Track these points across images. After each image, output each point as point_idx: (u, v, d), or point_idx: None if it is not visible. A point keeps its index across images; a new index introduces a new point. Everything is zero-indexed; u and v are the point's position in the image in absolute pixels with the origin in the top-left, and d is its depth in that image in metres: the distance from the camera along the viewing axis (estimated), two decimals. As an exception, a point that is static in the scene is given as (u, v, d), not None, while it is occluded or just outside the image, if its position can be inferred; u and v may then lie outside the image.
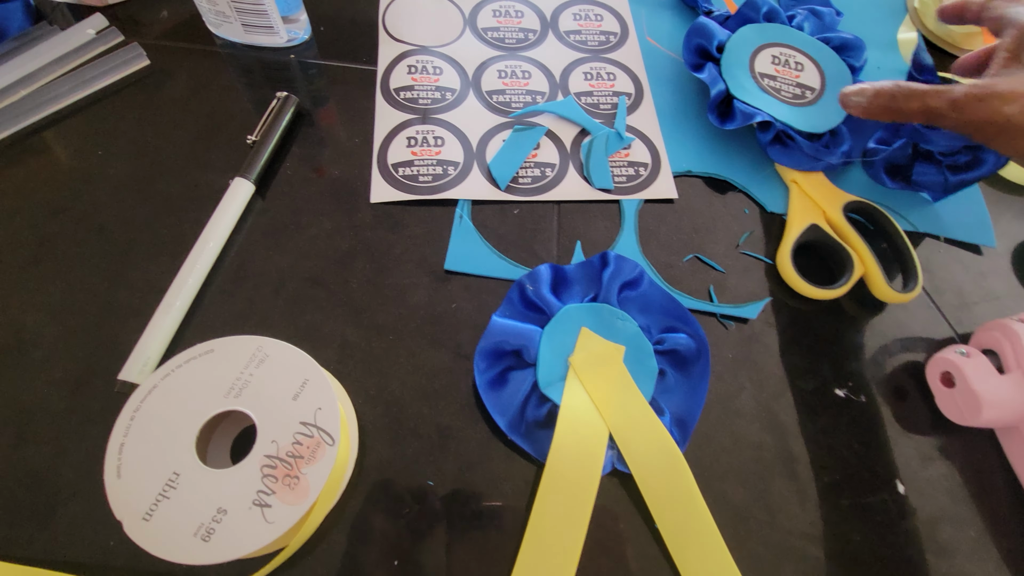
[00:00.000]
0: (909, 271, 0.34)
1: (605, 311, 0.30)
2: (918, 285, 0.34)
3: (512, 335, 0.28)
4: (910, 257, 0.34)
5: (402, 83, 0.38)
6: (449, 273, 0.32)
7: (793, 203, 0.36)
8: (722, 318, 0.33)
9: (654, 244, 0.35)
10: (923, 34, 0.47)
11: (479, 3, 0.43)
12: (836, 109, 0.38)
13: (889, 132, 0.38)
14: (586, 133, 0.38)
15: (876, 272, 0.34)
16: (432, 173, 0.35)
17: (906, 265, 0.34)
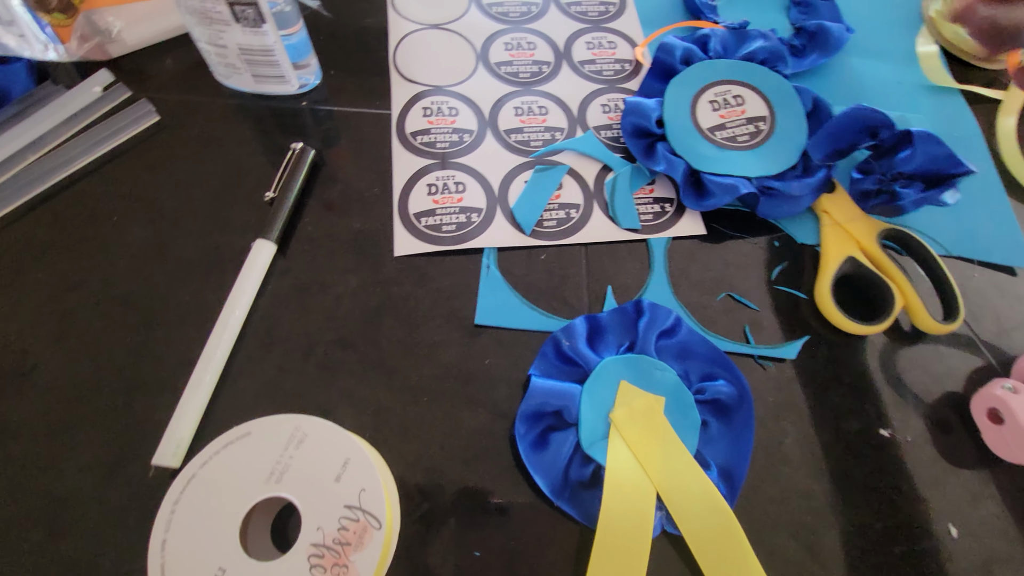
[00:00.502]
0: (950, 300, 0.34)
1: (644, 362, 0.30)
2: (960, 314, 0.33)
3: (554, 396, 0.28)
4: (950, 286, 0.34)
5: (418, 127, 0.37)
6: (479, 327, 0.31)
7: (826, 234, 0.36)
8: (760, 359, 0.32)
9: (685, 284, 0.34)
10: (941, 44, 0.46)
11: (490, 36, 0.42)
12: (796, 127, 0.37)
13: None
14: (609, 169, 0.37)
15: (918, 304, 0.33)
16: (456, 221, 0.34)
17: (947, 294, 0.34)
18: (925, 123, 0.41)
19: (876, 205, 0.35)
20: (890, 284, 0.33)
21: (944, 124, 0.42)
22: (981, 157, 0.40)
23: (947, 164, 0.33)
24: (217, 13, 0.32)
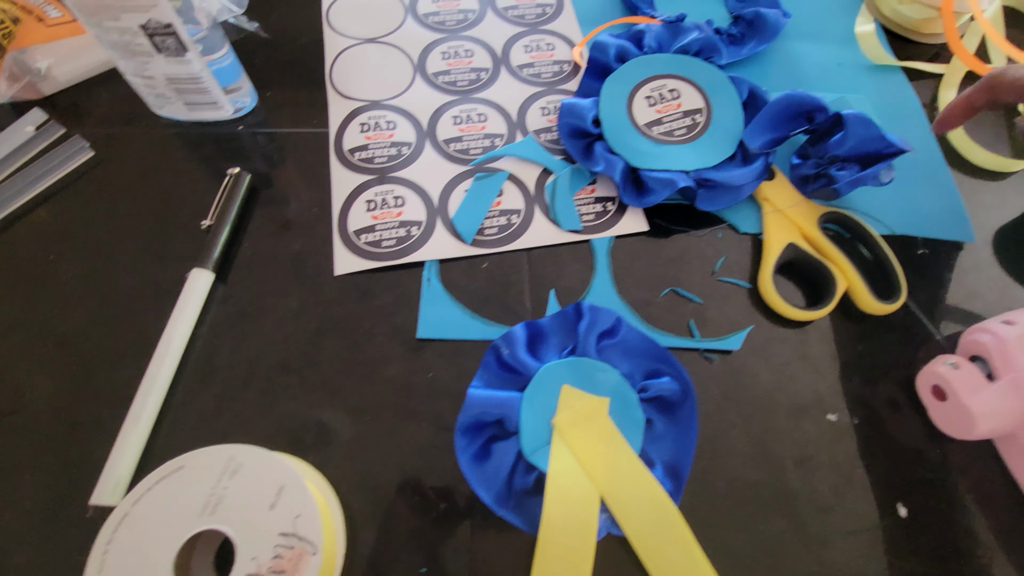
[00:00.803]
0: (892, 280, 0.34)
1: (585, 364, 0.30)
2: (902, 294, 0.33)
3: (491, 405, 0.28)
4: (891, 265, 0.34)
5: (356, 143, 0.37)
6: (423, 341, 0.31)
7: (767, 222, 0.36)
8: (705, 353, 0.32)
9: (629, 282, 0.34)
10: (880, 21, 0.46)
11: (427, 47, 0.42)
12: (731, 118, 0.37)
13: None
14: (550, 172, 0.37)
15: (860, 286, 0.33)
16: (396, 236, 0.34)
17: (888, 274, 0.34)
18: (866, 103, 0.41)
19: (815, 189, 0.35)
20: (831, 268, 0.34)
21: (886, 102, 0.42)
22: (923, 133, 0.40)
23: (879, 144, 0.33)
24: (138, 45, 0.31)
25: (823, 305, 0.33)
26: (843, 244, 0.36)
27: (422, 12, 0.44)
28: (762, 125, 0.35)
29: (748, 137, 0.36)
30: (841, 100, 0.41)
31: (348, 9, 0.43)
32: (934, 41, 0.46)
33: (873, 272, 0.35)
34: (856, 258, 0.35)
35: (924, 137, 0.40)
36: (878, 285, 0.34)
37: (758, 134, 0.36)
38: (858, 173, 0.33)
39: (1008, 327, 0.30)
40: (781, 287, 0.34)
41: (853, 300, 0.33)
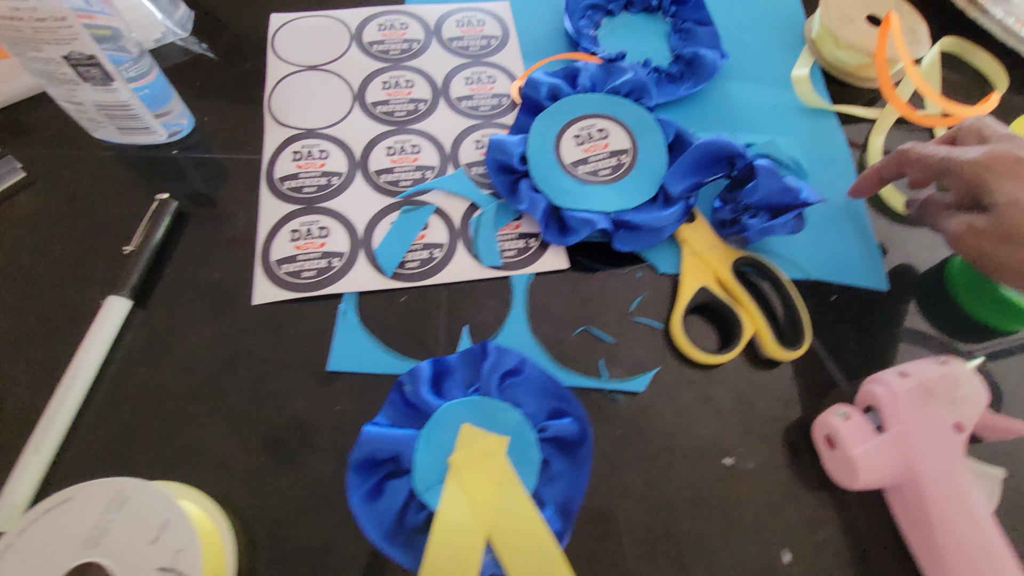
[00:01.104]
0: (798, 327, 0.34)
1: (486, 404, 0.30)
2: (806, 341, 0.34)
3: (384, 442, 0.28)
4: (799, 313, 0.35)
5: (287, 171, 0.38)
6: (333, 374, 0.32)
7: (684, 264, 0.36)
8: (610, 393, 0.33)
9: (545, 320, 0.35)
10: (819, 64, 0.47)
11: (369, 76, 0.43)
12: (655, 161, 0.37)
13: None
14: (477, 207, 0.38)
15: (765, 332, 0.34)
16: (316, 267, 0.35)
17: (795, 321, 0.35)
18: (795, 146, 0.42)
19: (730, 234, 0.36)
20: (739, 312, 0.34)
21: (816, 145, 0.43)
22: (847, 178, 0.41)
23: (786, 197, 0.34)
24: (63, 74, 0.32)
25: (730, 349, 0.34)
26: (756, 288, 0.36)
27: (368, 40, 0.44)
28: (683, 170, 0.36)
29: (669, 181, 0.36)
30: (771, 143, 0.42)
31: (294, 35, 0.44)
32: (872, 86, 0.47)
33: (782, 318, 0.35)
34: (767, 303, 0.36)
35: (847, 183, 0.41)
36: (785, 331, 0.35)
37: (679, 178, 0.36)
38: (767, 222, 0.34)
39: (901, 379, 0.31)
40: (692, 329, 0.35)
41: (760, 345, 0.34)
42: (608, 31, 0.47)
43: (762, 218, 0.34)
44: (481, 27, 0.46)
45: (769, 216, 0.34)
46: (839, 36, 0.44)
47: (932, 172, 0.32)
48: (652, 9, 0.48)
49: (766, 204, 0.34)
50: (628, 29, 0.48)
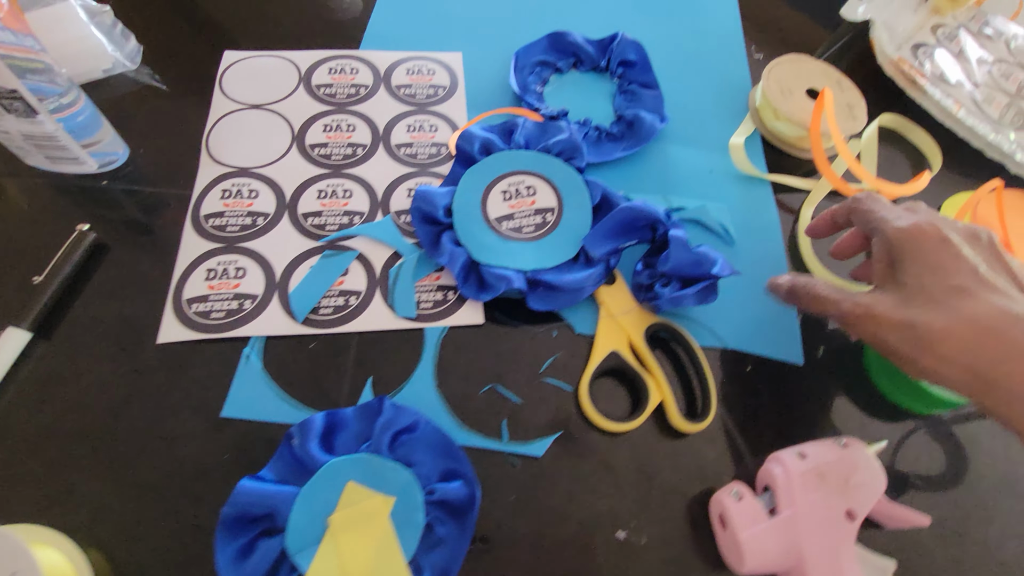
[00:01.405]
0: (705, 399, 0.34)
1: (375, 462, 0.30)
2: (711, 414, 0.34)
3: (259, 498, 0.28)
4: (707, 384, 0.35)
5: (213, 209, 0.38)
6: (227, 420, 0.32)
7: (600, 326, 0.36)
8: (509, 457, 0.32)
9: (453, 376, 0.35)
10: (761, 133, 0.48)
11: (311, 118, 0.43)
12: (580, 221, 0.38)
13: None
14: (400, 256, 0.38)
15: (671, 402, 0.34)
16: (226, 308, 0.34)
17: (704, 392, 0.35)
18: (725, 212, 0.42)
19: (644, 300, 0.36)
20: (647, 380, 0.34)
21: (748, 212, 0.43)
22: (775, 248, 0.42)
23: (695, 269, 0.34)
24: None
25: (633, 418, 0.33)
26: (674, 354, 0.36)
27: (316, 83, 0.45)
28: (604, 232, 0.37)
29: (589, 242, 0.37)
30: (701, 209, 0.42)
31: (244, 73, 0.45)
32: (810, 156, 0.48)
33: (691, 388, 0.35)
34: (679, 371, 0.36)
35: (775, 252, 0.42)
36: (693, 402, 0.35)
37: (599, 241, 0.37)
38: (677, 292, 0.34)
39: (799, 460, 0.31)
40: (602, 394, 0.35)
41: (667, 415, 0.34)
42: (555, 88, 0.48)
43: (673, 287, 0.35)
44: (431, 76, 0.47)
45: (680, 286, 0.35)
46: (778, 108, 0.45)
47: (868, 228, 0.32)
48: (600, 69, 0.49)
49: (678, 274, 0.35)
50: (575, 87, 0.49)
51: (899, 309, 0.28)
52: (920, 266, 0.28)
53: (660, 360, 0.36)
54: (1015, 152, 0.47)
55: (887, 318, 0.28)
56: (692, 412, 0.35)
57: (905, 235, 0.29)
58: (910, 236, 0.29)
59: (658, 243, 0.37)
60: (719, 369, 0.37)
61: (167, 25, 0.48)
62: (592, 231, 0.37)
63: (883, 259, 0.30)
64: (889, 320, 0.28)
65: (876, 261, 0.31)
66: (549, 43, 0.49)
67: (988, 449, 0.36)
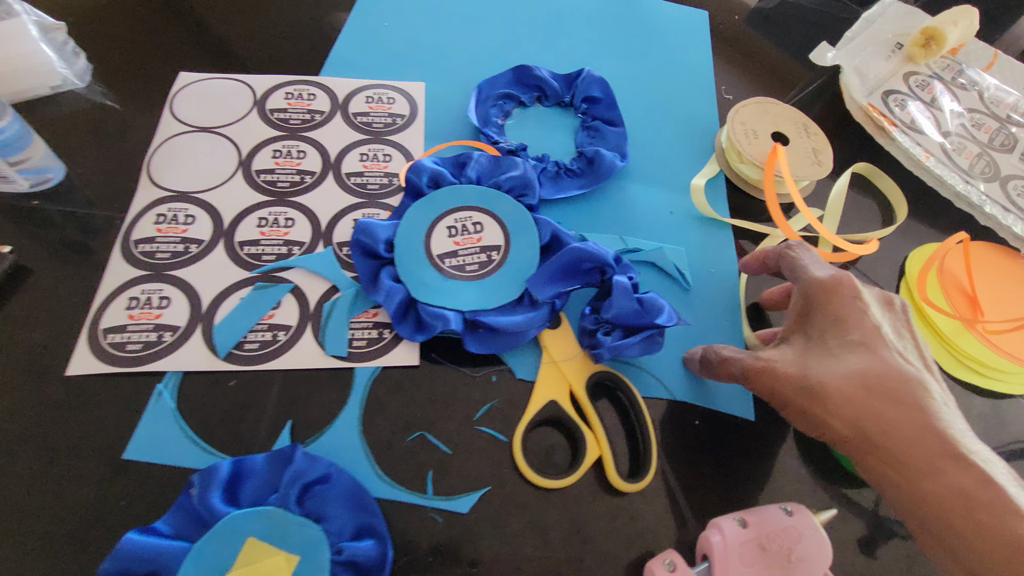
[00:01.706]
0: (646, 456, 0.32)
1: (280, 516, 0.28)
2: (650, 473, 0.32)
3: (144, 554, 0.25)
4: (649, 442, 0.33)
5: (145, 234, 0.37)
6: (131, 463, 0.30)
7: (540, 373, 0.35)
8: (432, 512, 0.30)
9: (381, 420, 0.33)
10: (724, 172, 0.47)
11: (261, 143, 0.42)
12: (526, 261, 0.36)
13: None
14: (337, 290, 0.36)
15: (608, 459, 0.32)
16: (144, 340, 0.33)
17: (646, 450, 0.33)
18: (682, 255, 0.41)
19: (587, 347, 0.35)
20: (586, 433, 0.32)
21: (707, 257, 0.42)
22: (732, 296, 0.40)
23: (638, 318, 0.32)
24: (-96, 120, 0.31)
25: (570, 473, 0.31)
26: (615, 406, 0.35)
27: (271, 107, 0.44)
28: (548, 274, 0.35)
29: (532, 284, 0.35)
30: (658, 251, 0.41)
31: (196, 95, 0.44)
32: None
33: (633, 444, 0.33)
34: (624, 423, 0.34)
35: (732, 300, 0.40)
36: (635, 458, 0.33)
37: (543, 283, 0.35)
38: (618, 341, 0.32)
39: (740, 529, 0.29)
40: (537, 446, 0.33)
41: (605, 471, 0.32)
42: (518, 121, 0.47)
43: (616, 336, 0.33)
44: (390, 104, 0.46)
45: (624, 334, 0.33)
46: (742, 151, 0.44)
47: (792, 275, 0.32)
48: (565, 104, 0.49)
49: (620, 322, 0.33)
50: (538, 121, 0.48)
51: (796, 361, 0.28)
52: (825, 318, 0.28)
53: (603, 411, 0.34)
54: (984, 203, 0.46)
55: (783, 371, 0.28)
56: (633, 469, 0.33)
57: (819, 286, 0.29)
58: (824, 288, 0.29)
59: (606, 287, 0.35)
60: (668, 421, 0.35)
61: (127, 44, 0.47)
62: (536, 272, 0.35)
63: (796, 308, 0.30)
64: (785, 373, 0.27)
65: (791, 310, 0.31)
66: (514, 76, 0.48)
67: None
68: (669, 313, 0.33)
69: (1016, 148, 0.51)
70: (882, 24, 0.57)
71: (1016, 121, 0.53)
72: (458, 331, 0.33)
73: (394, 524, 0.30)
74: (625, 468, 0.33)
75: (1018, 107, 0.54)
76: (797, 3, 0.63)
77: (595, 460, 0.32)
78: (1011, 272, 0.45)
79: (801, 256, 0.32)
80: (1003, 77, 0.56)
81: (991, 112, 0.53)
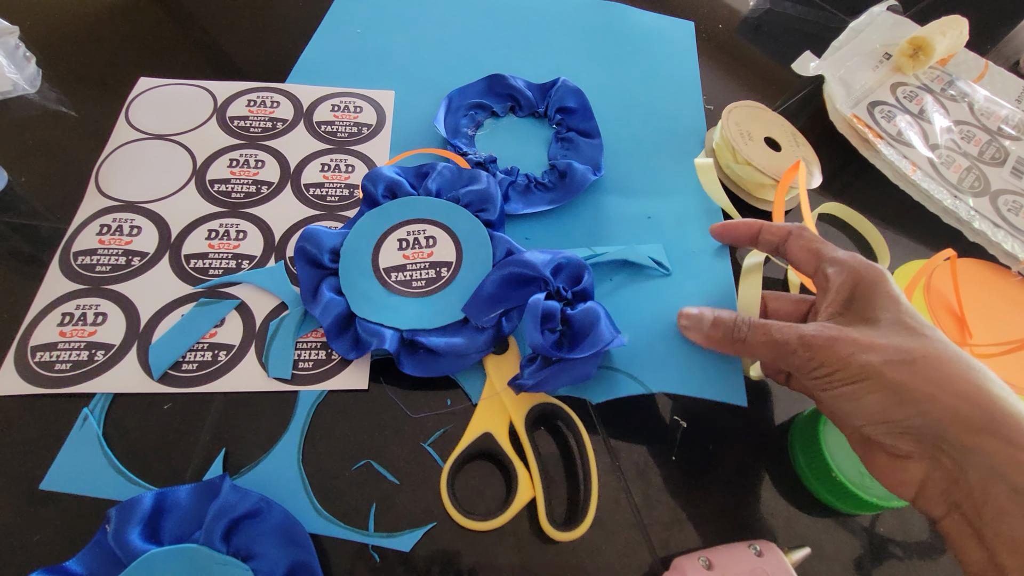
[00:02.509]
0: (585, 502, 0.30)
1: (204, 555, 0.26)
2: (586, 522, 0.29)
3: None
4: (589, 482, 0.30)
5: (86, 246, 0.35)
6: (50, 494, 0.27)
7: (480, 402, 0.32)
8: (372, 549, 0.28)
9: (323, 448, 0.31)
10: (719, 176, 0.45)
11: (218, 151, 0.40)
12: (477, 279, 0.34)
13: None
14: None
15: (540, 502, 0.29)
16: (74, 360, 0.31)
17: (586, 492, 0.30)
18: (659, 249, 0.38)
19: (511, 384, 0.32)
20: (519, 472, 0.30)
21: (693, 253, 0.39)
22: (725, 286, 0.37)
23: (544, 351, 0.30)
24: None
25: (499, 514, 0.29)
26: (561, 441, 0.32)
27: (231, 115, 0.42)
28: (484, 296, 0.32)
29: (469, 309, 0.33)
30: (629, 249, 0.38)
31: (155, 101, 0.42)
32: (764, 208, 0.44)
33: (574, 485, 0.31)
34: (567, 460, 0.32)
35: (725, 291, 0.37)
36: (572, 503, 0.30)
37: (480, 306, 0.32)
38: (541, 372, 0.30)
39: (704, 572, 0.27)
40: (472, 482, 0.30)
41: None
42: (489, 132, 0.46)
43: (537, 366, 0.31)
44: (357, 114, 0.44)
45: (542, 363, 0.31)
46: (738, 150, 0.42)
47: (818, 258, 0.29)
48: (539, 115, 0.47)
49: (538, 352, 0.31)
50: (511, 132, 0.46)
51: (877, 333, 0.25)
52: (890, 300, 0.26)
53: (549, 445, 0.32)
54: (974, 219, 0.44)
55: (868, 341, 0.25)
56: (570, 515, 0.30)
57: (874, 269, 0.27)
58: (878, 271, 0.27)
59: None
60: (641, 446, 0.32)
61: (85, 48, 0.45)
62: (472, 296, 0.33)
63: (845, 288, 0.27)
64: (873, 342, 0.25)
65: (836, 292, 0.28)
66: (487, 86, 0.47)
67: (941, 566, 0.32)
68: (600, 333, 0.30)
69: (1007, 161, 0.49)
70: (870, 34, 0.56)
71: (1007, 134, 0.51)
72: (390, 351, 0.31)
73: (331, 563, 0.28)
74: (564, 511, 0.30)
75: (1009, 119, 0.52)
76: (785, 13, 0.62)
77: (528, 501, 0.30)
78: (1001, 290, 0.43)
79: (820, 241, 0.30)
80: (994, 89, 0.54)
81: (981, 124, 0.51)
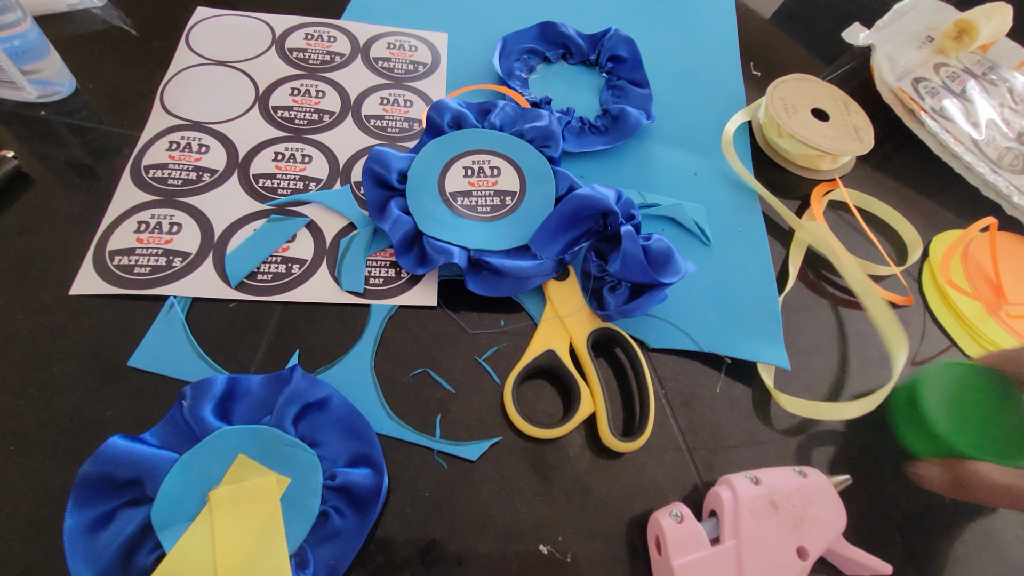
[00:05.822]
0: (641, 416, 0.31)
1: (273, 436, 0.27)
2: (645, 435, 0.30)
3: (128, 459, 0.24)
4: (648, 401, 0.31)
5: (157, 160, 0.36)
6: (121, 373, 0.28)
7: (542, 324, 0.33)
8: (438, 455, 0.29)
9: (391, 358, 0.31)
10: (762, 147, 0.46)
11: (279, 80, 0.41)
12: (541, 209, 0.35)
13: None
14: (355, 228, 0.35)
15: (602, 416, 0.30)
16: (152, 264, 0.32)
17: (644, 409, 0.31)
18: (702, 212, 0.40)
19: (594, 308, 0.33)
20: (581, 387, 0.31)
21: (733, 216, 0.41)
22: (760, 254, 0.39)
23: (643, 275, 0.31)
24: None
25: (559, 425, 0.30)
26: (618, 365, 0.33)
27: (290, 47, 0.43)
28: (550, 230, 0.33)
29: (536, 244, 0.33)
30: (677, 206, 0.39)
31: (213, 29, 0.43)
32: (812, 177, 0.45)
33: (631, 403, 0.32)
34: (622, 383, 0.33)
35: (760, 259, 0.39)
36: (630, 419, 0.32)
37: (546, 241, 0.33)
38: (625, 305, 0.31)
39: (751, 486, 0.28)
40: (533, 395, 0.31)
41: (598, 427, 0.31)
42: (541, 77, 0.46)
43: (621, 293, 0.32)
44: (412, 52, 0.45)
45: (630, 290, 0.32)
46: (782, 124, 0.43)
47: None
48: (590, 63, 0.48)
49: (627, 277, 0.32)
50: (561, 78, 0.47)
51: None
52: None
53: (604, 368, 0.33)
54: (1012, 194, 0.45)
55: None
56: (628, 429, 0.31)
57: None
58: None
59: (608, 233, 0.34)
60: (687, 376, 0.33)
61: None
62: (538, 230, 0.33)
63: None
64: None
65: None
66: (539, 32, 0.47)
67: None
68: (676, 262, 0.31)
69: (1047, 143, 0.49)
70: (913, 16, 0.56)
71: (1049, 116, 0.51)
72: (461, 267, 0.32)
73: (396, 460, 0.29)
74: (620, 427, 0.32)
75: (1052, 103, 0.52)
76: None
77: (588, 415, 0.31)
78: (1037, 262, 0.43)
79: None
80: (1036, 75, 0.54)
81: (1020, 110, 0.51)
